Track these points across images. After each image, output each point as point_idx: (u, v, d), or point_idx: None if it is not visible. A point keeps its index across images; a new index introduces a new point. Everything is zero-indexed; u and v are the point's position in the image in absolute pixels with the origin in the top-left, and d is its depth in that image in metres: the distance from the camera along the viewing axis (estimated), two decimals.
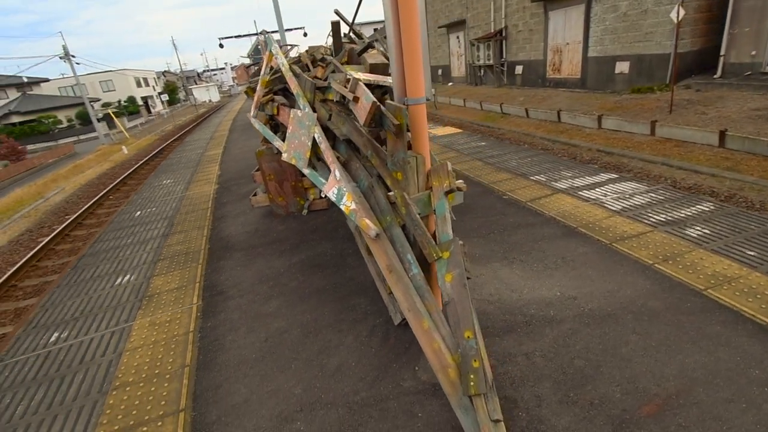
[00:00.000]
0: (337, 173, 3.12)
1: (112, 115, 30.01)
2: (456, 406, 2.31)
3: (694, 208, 4.79)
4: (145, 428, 2.75)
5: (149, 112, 51.88)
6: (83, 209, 11.32)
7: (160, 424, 2.78)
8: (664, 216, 4.71)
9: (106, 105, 41.46)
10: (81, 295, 4.76)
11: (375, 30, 5.21)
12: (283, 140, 4.03)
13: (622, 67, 14.12)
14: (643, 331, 3.00)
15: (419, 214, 2.77)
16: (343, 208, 3.06)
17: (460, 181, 3.04)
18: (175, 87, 65.12)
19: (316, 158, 3.87)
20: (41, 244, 8.85)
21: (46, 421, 2.92)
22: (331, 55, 5.13)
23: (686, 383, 2.53)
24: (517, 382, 2.70)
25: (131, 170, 16.03)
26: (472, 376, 2.21)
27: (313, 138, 3.46)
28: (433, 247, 2.62)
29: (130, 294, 4.60)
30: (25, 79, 38.79)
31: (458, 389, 2.29)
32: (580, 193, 5.71)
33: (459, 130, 11.50)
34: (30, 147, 30.59)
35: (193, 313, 4.05)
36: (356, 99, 2.85)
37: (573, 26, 16.37)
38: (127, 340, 3.75)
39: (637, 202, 5.18)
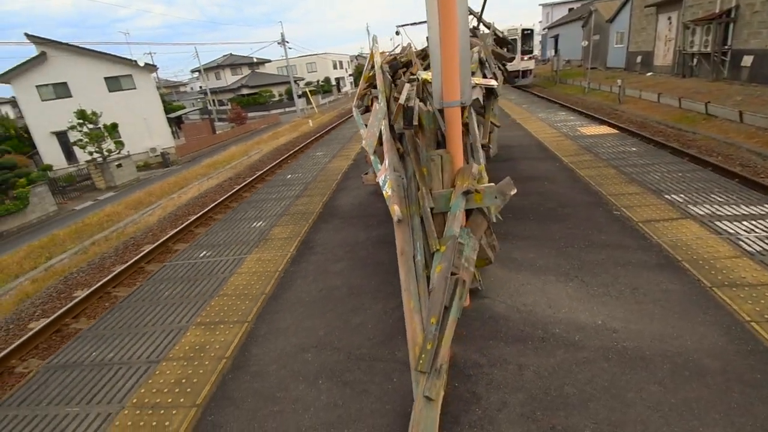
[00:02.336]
0: (387, 162, 3.57)
1: (308, 93, 35.95)
2: (413, 379, 2.61)
3: None
4: (222, 326, 3.88)
5: (339, 91, 59.69)
6: (266, 168, 14.41)
7: (231, 326, 3.86)
8: None
9: (307, 84, 49.62)
10: (228, 229, 6.49)
11: (570, 10, 5.21)
12: None
13: None
14: (672, 386, 2.60)
15: (435, 209, 3.01)
16: (384, 193, 3.51)
17: (490, 185, 3.11)
18: (363, 69, 72.74)
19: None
20: (234, 190, 11.83)
21: (175, 304, 4.39)
22: None
23: None
24: (494, 385, 2.77)
25: (307, 141, 19.27)
26: (423, 355, 2.47)
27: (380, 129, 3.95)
28: (434, 240, 2.87)
29: (256, 235, 6.06)
30: (255, 60, 49.76)
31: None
32: (716, 223, 4.67)
33: (613, 131, 10.09)
34: (250, 114, 39.37)
35: (286, 258, 5.15)
36: (396, 99, 3.22)
37: None
38: (239, 266, 5.09)
39: None
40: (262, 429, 2.70)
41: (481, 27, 8.82)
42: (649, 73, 22.79)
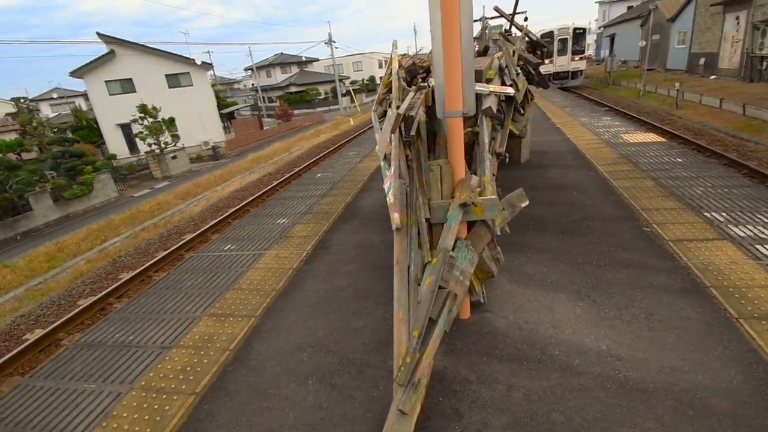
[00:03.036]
0: (392, 169, 3.58)
1: (351, 92, 36.48)
2: (394, 389, 2.61)
3: None
4: (231, 319, 4.08)
5: None
6: (304, 165, 14.83)
7: (240, 320, 4.05)
8: None
9: (353, 83, 50.29)
10: (254, 224, 6.78)
11: (629, 8, 5.00)
12: None
13: None
14: (671, 424, 2.43)
15: (433, 220, 2.99)
16: (387, 200, 3.52)
17: (491, 197, 3.04)
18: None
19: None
20: (272, 185, 12.31)
21: (194, 294, 4.66)
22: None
23: None
24: (479, 404, 2.71)
25: (345, 140, 19.57)
26: (402, 368, 2.48)
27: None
28: (426, 251, 2.85)
29: (278, 232, 6.28)
30: (303, 59, 51.24)
31: None
32: (757, 246, 4.25)
33: (661, 139, 9.41)
34: (296, 111, 40.57)
35: (302, 256, 5.31)
36: (398, 107, 3.21)
37: None
38: (257, 261, 5.31)
39: None
40: (249, 422, 2.83)
41: (514, 30, 8.54)
42: (712, 77, 20.99)
